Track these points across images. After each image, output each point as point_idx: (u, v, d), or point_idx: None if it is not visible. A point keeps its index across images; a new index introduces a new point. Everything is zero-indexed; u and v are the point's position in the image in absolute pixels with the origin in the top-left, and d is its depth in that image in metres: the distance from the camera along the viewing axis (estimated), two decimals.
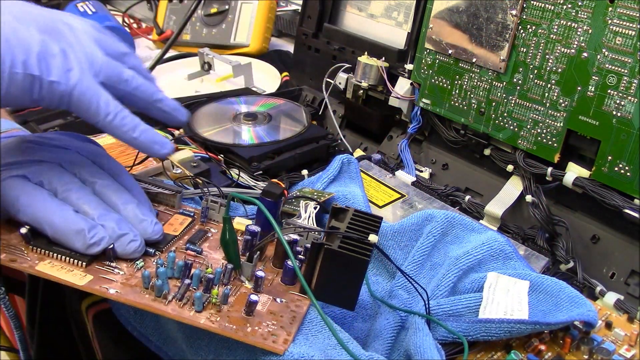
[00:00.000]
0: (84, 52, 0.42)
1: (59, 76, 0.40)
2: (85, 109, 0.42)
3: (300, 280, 0.40)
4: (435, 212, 0.52)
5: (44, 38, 0.41)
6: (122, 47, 0.47)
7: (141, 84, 0.45)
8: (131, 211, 0.44)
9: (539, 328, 0.41)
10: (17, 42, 0.39)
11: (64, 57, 0.41)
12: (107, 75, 0.43)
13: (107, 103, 0.42)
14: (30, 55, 0.40)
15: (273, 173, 0.62)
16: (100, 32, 0.46)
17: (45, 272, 0.40)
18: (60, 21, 0.43)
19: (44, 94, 0.41)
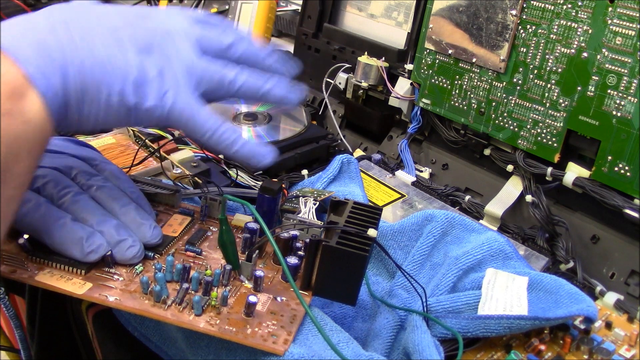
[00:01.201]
0: (182, 65, 0.41)
1: (155, 101, 0.40)
2: (183, 127, 0.41)
3: (292, 285, 0.40)
4: (435, 212, 0.52)
5: (141, 60, 0.40)
6: (227, 37, 0.44)
7: (246, 81, 0.43)
8: (130, 215, 0.44)
9: (538, 324, 0.41)
10: (113, 69, 0.38)
11: (161, 79, 0.40)
12: (208, 83, 0.42)
13: (205, 120, 0.41)
14: (126, 83, 0.39)
15: (273, 173, 0.62)
16: (202, 26, 0.44)
17: (45, 282, 0.40)
18: (159, 31, 0.41)
19: (141, 119, 0.40)
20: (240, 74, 0.43)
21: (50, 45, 0.37)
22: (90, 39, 0.38)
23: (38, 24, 0.38)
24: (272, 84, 0.44)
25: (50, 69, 0.36)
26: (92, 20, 0.39)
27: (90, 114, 0.39)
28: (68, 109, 0.38)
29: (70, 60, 0.37)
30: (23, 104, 0.35)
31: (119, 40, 0.39)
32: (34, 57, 0.36)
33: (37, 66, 0.36)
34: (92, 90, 0.38)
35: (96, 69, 0.38)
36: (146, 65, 0.40)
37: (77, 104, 0.38)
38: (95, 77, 0.38)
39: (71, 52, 0.37)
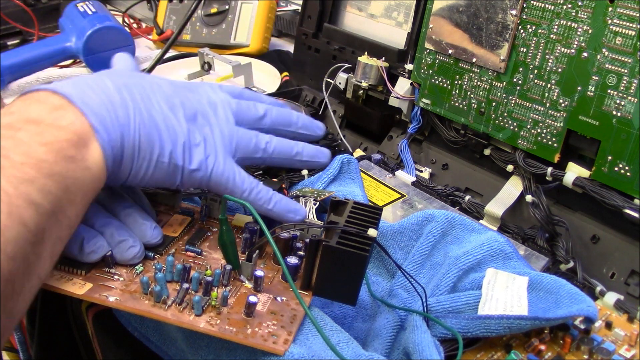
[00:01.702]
0: (222, 133, 0.46)
1: (199, 164, 0.44)
2: (222, 188, 0.45)
3: (291, 285, 0.40)
4: (435, 212, 0.52)
5: (189, 127, 0.44)
6: (259, 109, 0.50)
7: (276, 147, 0.49)
8: (130, 216, 0.44)
9: (538, 324, 0.41)
10: (166, 132, 0.42)
11: (205, 145, 0.44)
12: (244, 150, 0.47)
13: (242, 181, 0.45)
14: (176, 146, 0.43)
15: (273, 173, 0.62)
16: (238, 99, 0.49)
17: (45, 283, 0.40)
18: (205, 102, 0.46)
19: (185, 180, 0.44)
20: (273, 141, 0.49)
21: (116, 102, 0.41)
22: (149, 103, 0.43)
23: (104, 82, 0.41)
24: (300, 148, 0.50)
25: (113, 124, 0.40)
26: (149, 87, 0.44)
27: (140, 170, 0.42)
28: (121, 164, 0.41)
29: (132, 118, 0.41)
30: (85, 152, 0.38)
31: (172, 107, 0.44)
32: (101, 112, 0.39)
33: (102, 121, 0.39)
34: (146, 148, 0.41)
35: (152, 130, 0.42)
36: (193, 131, 0.44)
37: (131, 160, 0.41)
38: (150, 137, 0.41)
39: (133, 112, 0.41)
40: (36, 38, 1.08)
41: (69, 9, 1.02)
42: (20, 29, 1.10)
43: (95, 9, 1.00)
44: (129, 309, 0.39)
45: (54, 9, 1.17)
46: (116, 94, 0.41)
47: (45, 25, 1.12)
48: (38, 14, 1.10)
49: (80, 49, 0.95)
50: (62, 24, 1.01)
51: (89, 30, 0.95)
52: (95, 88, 0.40)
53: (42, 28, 1.10)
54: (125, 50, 0.99)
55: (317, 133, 0.54)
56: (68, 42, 0.97)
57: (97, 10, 1.00)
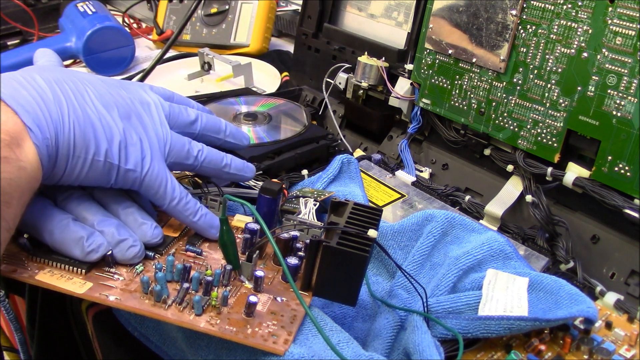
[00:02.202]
0: (157, 135, 0.45)
1: (135, 164, 0.43)
2: (153, 193, 0.44)
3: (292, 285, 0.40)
4: (435, 212, 0.52)
5: (125, 126, 0.43)
6: (190, 114, 0.50)
7: (207, 156, 0.49)
8: (130, 215, 0.44)
9: (538, 325, 0.41)
10: (102, 130, 0.42)
11: (141, 145, 0.44)
12: (176, 155, 0.47)
13: (173, 188, 0.45)
14: (112, 145, 0.42)
15: (273, 173, 0.62)
16: (171, 101, 0.49)
17: (45, 282, 0.40)
18: (138, 102, 0.46)
19: (119, 180, 0.43)
20: (204, 149, 0.49)
21: (48, 99, 0.40)
22: (83, 100, 0.42)
23: (34, 78, 0.40)
24: (229, 159, 0.50)
25: (47, 122, 0.39)
26: (81, 84, 0.43)
27: (75, 169, 0.41)
28: (56, 163, 0.40)
29: (67, 115, 0.40)
30: (19, 152, 0.37)
31: (106, 105, 0.43)
32: (34, 110, 0.38)
33: (35, 119, 0.38)
34: (81, 146, 0.40)
35: (88, 128, 0.41)
36: (129, 130, 0.43)
37: (66, 159, 0.40)
38: (86, 135, 0.40)
39: (67, 109, 0.40)
40: (36, 38, 1.08)
41: (69, 9, 1.02)
42: (20, 29, 1.10)
43: (95, 9, 1.00)
44: (129, 308, 0.39)
45: (54, 9, 1.17)
46: (48, 90, 0.40)
47: (45, 25, 1.12)
48: (38, 14, 1.10)
49: (80, 49, 0.95)
50: (62, 24, 1.01)
51: (89, 30, 0.95)
52: (26, 85, 0.39)
53: (42, 28, 1.10)
54: (125, 50, 0.99)
55: (243, 143, 0.55)
56: (68, 42, 0.97)
57: (97, 10, 1.00)
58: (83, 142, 0.40)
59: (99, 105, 0.42)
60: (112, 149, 0.42)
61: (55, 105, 0.40)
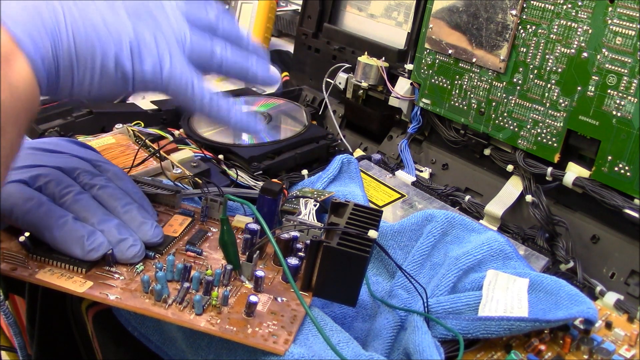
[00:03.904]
0: (174, 33, 0.40)
1: (153, 66, 0.38)
2: (181, 94, 0.40)
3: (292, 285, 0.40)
4: (435, 212, 0.52)
5: (135, 23, 0.38)
6: (211, 12, 0.43)
7: (231, 56, 0.43)
8: (131, 215, 0.44)
9: (538, 325, 0.41)
10: (107, 33, 0.37)
11: (156, 44, 0.38)
12: (198, 54, 0.41)
13: (201, 88, 0.41)
14: (122, 48, 0.37)
15: (273, 173, 0.62)
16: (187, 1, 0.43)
17: (46, 280, 0.40)
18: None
19: (137, 86, 0.39)
20: (226, 50, 0.43)
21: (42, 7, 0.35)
22: (83, 3, 0.37)
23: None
24: (254, 61, 0.44)
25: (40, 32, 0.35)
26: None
27: (84, 80, 0.37)
28: (60, 75, 0.36)
29: (63, 22, 0.36)
30: (9, 70, 0.33)
31: (111, 5, 0.38)
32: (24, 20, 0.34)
33: (26, 29, 0.34)
34: (86, 54, 0.36)
35: (90, 32, 0.36)
36: (140, 30, 0.38)
37: (70, 70, 0.36)
38: (89, 41, 0.36)
39: (63, 13, 0.36)
40: None
41: None
42: None
43: None
44: (130, 307, 0.39)
45: None
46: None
47: None
48: None
49: None
50: None
51: None
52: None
53: None
54: None
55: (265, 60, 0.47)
56: None
57: None
58: (86, 50, 0.36)
59: (101, 6, 0.37)
60: (122, 52, 0.37)
61: (49, 12, 0.35)
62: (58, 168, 0.44)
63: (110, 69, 0.37)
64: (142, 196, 0.46)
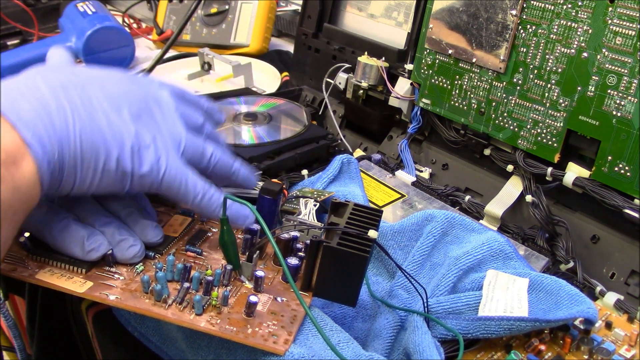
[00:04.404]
0: (171, 133, 0.42)
1: (150, 167, 0.40)
2: (174, 193, 0.42)
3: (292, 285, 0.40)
4: (435, 212, 0.52)
5: (137, 127, 0.40)
6: (200, 116, 0.47)
7: (220, 159, 0.46)
8: (131, 215, 0.44)
9: (538, 325, 0.41)
10: (111, 135, 0.39)
11: (155, 146, 0.41)
12: (191, 154, 0.44)
13: (195, 184, 0.42)
14: (124, 150, 0.39)
15: (273, 173, 0.62)
16: (182, 100, 0.46)
17: (46, 281, 0.40)
18: (151, 98, 0.43)
19: (135, 185, 0.41)
20: (216, 151, 0.46)
21: (51, 108, 0.37)
22: (90, 104, 0.39)
23: (37, 85, 0.38)
24: (239, 164, 0.48)
25: (49, 135, 0.36)
26: (88, 85, 0.40)
27: (86, 179, 0.39)
28: (63, 176, 0.38)
29: (72, 125, 0.37)
30: (15, 171, 0.34)
31: (116, 105, 0.40)
32: (34, 122, 0.36)
33: (36, 132, 0.35)
34: (90, 156, 0.38)
35: (96, 135, 0.38)
36: (141, 131, 0.40)
37: (74, 171, 0.38)
38: (94, 144, 0.38)
39: (72, 117, 0.37)
40: (36, 38, 1.08)
41: (69, 9, 1.02)
42: (20, 29, 1.10)
43: (95, 9, 1.00)
44: (130, 307, 0.39)
45: (54, 9, 1.17)
46: (51, 99, 0.37)
47: (45, 25, 1.12)
48: (38, 14, 1.10)
49: (80, 49, 0.95)
50: (62, 24, 1.01)
51: (89, 30, 0.95)
52: (27, 94, 0.37)
53: (42, 28, 1.10)
54: (125, 50, 0.99)
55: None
56: (68, 42, 0.97)
57: (97, 10, 1.00)
58: (92, 152, 0.38)
59: (108, 109, 0.39)
60: (123, 154, 0.39)
61: (58, 115, 0.37)
62: None
63: (111, 170, 0.39)
64: (141, 196, 0.46)
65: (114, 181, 0.40)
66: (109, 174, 0.39)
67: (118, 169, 0.39)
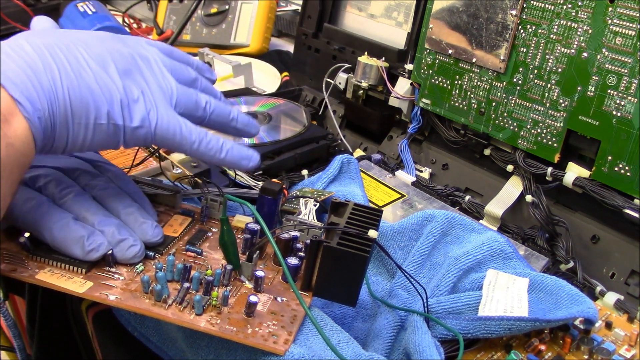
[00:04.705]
0: (160, 86, 0.43)
1: (142, 120, 0.41)
2: (170, 143, 0.43)
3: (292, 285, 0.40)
4: (435, 212, 0.52)
5: (125, 82, 0.41)
6: (191, 72, 0.47)
7: (216, 107, 0.46)
8: (131, 215, 0.44)
9: (538, 325, 0.41)
10: (100, 92, 0.40)
11: (144, 99, 0.42)
12: (184, 105, 0.44)
13: (190, 132, 0.43)
14: (113, 105, 0.40)
15: (273, 173, 0.62)
16: (170, 58, 0.47)
17: (46, 281, 0.40)
18: (137, 54, 0.44)
19: (128, 139, 0.41)
20: (211, 100, 0.46)
21: (38, 68, 0.38)
22: (77, 62, 0.40)
23: (24, 47, 0.39)
24: (237, 112, 0.48)
25: (38, 93, 0.37)
26: (73, 45, 0.41)
27: (78, 136, 0.40)
28: (55, 132, 0.39)
29: (60, 83, 0.38)
30: (7, 129, 0.35)
31: (102, 63, 0.41)
32: (22, 81, 0.37)
33: (24, 90, 0.37)
34: (80, 112, 0.39)
35: (84, 92, 0.39)
36: (129, 86, 0.41)
37: (66, 127, 0.39)
38: (83, 100, 0.39)
39: (59, 75, 0.38)
40: None
41: (69, 9, 1.02)
42: (20, 29, 1.10)
43: (95, 9, 1.00)
44: (130, 307, 0.39)
45: (54, 9, 1.17)
46: (37, 59, 0.38)
47: None
48: (38, 14, 1.10)
49: None
50: (62, 24, 1.01)
51: (89, 30, 0.95)
52: (13, 56, 0.37)
53: None
54: None
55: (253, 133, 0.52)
56: None
57: (97, 10, 1.00)
58: (81, 108, 0.39)
59: (94, 66, 0.40)
60: (113, 109, 0.40)
61: (46, 74, 0.38)
62: (58, 169, 0.45)
63: (103, 125, 0.40)
64: (142, 196, 0.46)
65: (107, 136, 0.40)
66: (101, 128, 0.40)
67: (109, 123, 0.40)
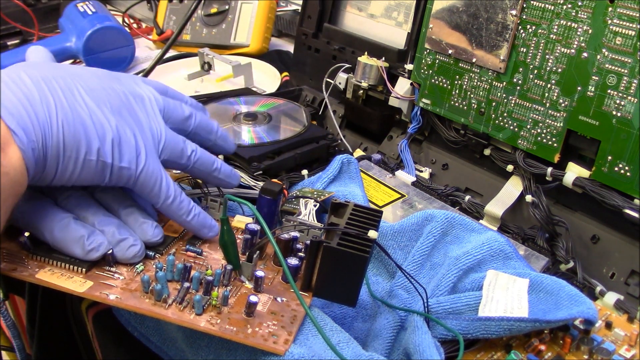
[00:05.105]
0: (151, 130, 0.44)
1: (129, 162, 0.42)
2: (147, 190, 0.43)
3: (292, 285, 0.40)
4: (435, 212, 0.52)
5: (118, 121, 0.42)
6: (185, 110, 0.48)
7: (201, 156, 0.47)
8: (131, 215, 0.44)
9: (538, 326, 0.41)
10: (93, 128, 0.40)
11: (135, 141, 0.42)
12: (170, 151, 0.45)
13: (168, 186, 0.44)
14: (105, 143, 0.41)
15: (273, 173, 0.62)
16: (165, 96, 0.47)
17: (46, 280, 0.40)
18: (132, 95, 0.44)
19: (113, 178, 0.42)
20: (196, 152, 0.47)
21: (35, 99, 0.38)
22: (72, 97, 0.40)
23: (21, 77, 0.39)
24: (219, 164, 0.49)
25: (33, 124, 0.38)
26: (70, 79, 0.41)
27: (66, 170, 0.40)
28: (46, 164, 0.39)
29: (55, 116, 0.39)
30: (3, 157, 0.36)
31: (97, 100, 0.42)
32: (19, 112, 0.37)
33: (20, 121, 0.37)
34: (72, 146, 0.39)
35: (78, 127, 0.40)
36: (122, 126, 0.42)
37: (56, 160, 0.39)
38: (76, 135, 0.39)
39: (55, 108, 0.39)
40: (36, 38, 1.08)
41: (69, 9, 1.02)
42: (20, 29, 1.10)
43: (95, 9, 1.00)
44: (130, 307, 0.39)
45: (54, 9, 1.17)
46: (35, 90, 0.39)
47: (45, 25, 1.12)
48: (38, 14, 1.10)
49: (80, 49, 0.95)
50: (62, 24, 1.01)
51: (89, 30, 0.95)
52: (12, 85, 0.38)
53: (42, 28, 1.10)
54: (125, 50, 0.99)
55: (230, 148, 0.54)
56: (68, 42, 0.97)
57: (97, 10, 1.00)
58: (73, 142, 0.39)
59: (89, 102, 0.41)
60: (104, 147, 0.41)
61: (42, 106, 0.38)
62: None
63: (92, 161, 0.40)
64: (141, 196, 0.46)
65: (94, 172, 0.41)
66: (90, 164, 0.40)
67: (99, 160, 0.41)
